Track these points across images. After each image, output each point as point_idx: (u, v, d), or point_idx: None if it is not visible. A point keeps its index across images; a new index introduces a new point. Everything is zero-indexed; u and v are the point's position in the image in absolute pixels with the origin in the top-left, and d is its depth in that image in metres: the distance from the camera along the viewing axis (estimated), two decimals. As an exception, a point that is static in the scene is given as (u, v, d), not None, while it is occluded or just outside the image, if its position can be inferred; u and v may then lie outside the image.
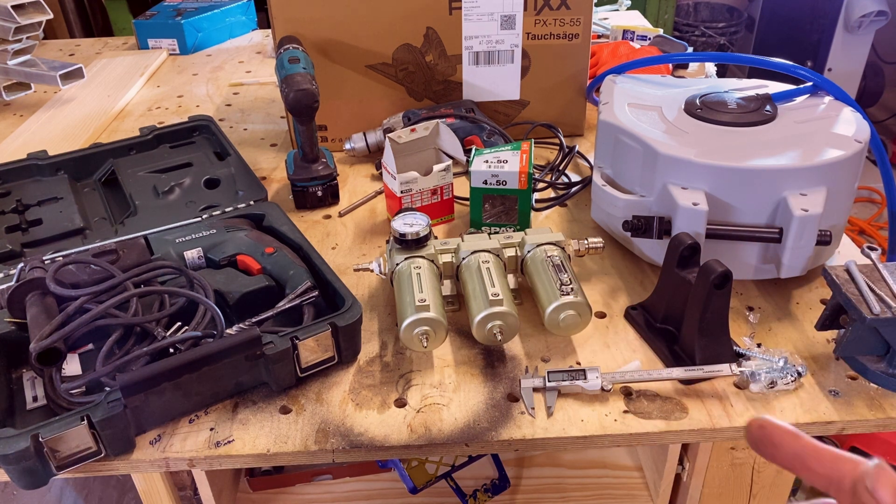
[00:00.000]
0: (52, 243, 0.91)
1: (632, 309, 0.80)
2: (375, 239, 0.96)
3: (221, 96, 1.47)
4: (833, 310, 0.71)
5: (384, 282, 0.86)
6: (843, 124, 0.82)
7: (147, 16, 1.75)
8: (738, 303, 0.80)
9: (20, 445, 0.58)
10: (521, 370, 0.73)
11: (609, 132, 0.86)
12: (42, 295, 0.71)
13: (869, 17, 2.62)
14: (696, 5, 3.34)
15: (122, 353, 0.68)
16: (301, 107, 0.94)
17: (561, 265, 0.75)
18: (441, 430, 0.66)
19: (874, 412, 0.66)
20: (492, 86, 1.16)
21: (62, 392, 0.65)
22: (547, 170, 1.10)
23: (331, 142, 1.19)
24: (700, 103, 0.87)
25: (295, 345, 0.68)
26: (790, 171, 0.74)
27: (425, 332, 0.70)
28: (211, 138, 1.12)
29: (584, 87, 1.18)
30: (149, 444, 0.65)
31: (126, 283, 0.72)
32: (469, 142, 1.09)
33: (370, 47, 1.12)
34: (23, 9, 1.35)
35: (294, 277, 0.77)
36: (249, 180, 1.00)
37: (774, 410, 0.66)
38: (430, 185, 0.94)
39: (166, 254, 0.81)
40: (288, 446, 0.65)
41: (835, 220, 0.79)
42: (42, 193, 0.99)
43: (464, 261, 0.78)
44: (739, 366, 0.68)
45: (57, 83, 1.40)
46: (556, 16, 1.10)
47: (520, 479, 1.17)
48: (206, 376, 0.65)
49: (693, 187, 0.76)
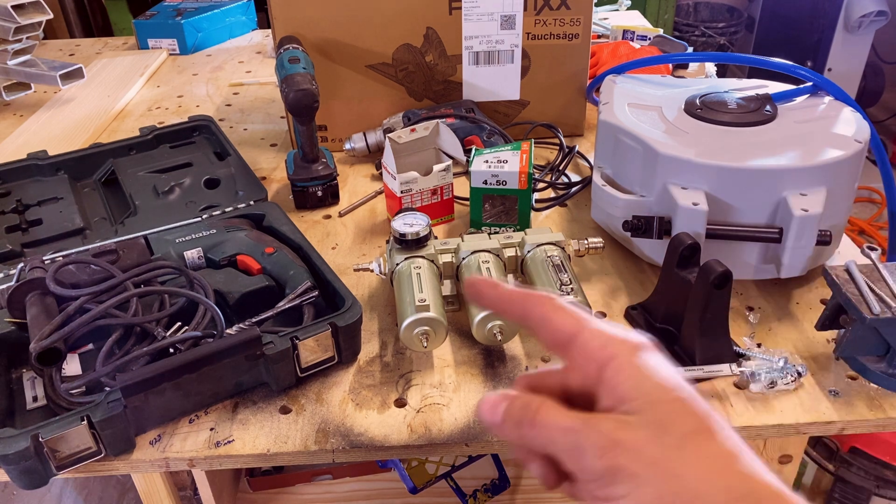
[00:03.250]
0: (52, 243, 0.91)
1: (632, 309, 0.80)
2: (375, 239, 0.96)
3: (221, 96, 1.47)
4: (833, 310, 0.71)
5: (384, 282, 0.86)
6: (843, 124, 0.82)
7: (147, 16, 1.75)
8: (738, 303, 0.80)
9: (20, 445, 0.58)
10: (522, 370, 0.73)
11: (609, 132, 0.86)
12: (42, 295, 0.71)
13: (869, 17, 2.62)
14: (696, 5, 3.35)
15: (122, 353, 0.68)
16: (301, 107, 0.94)
17: (561, 265, 0.75)
18: (441, 430, 0.66)
19: (874, 412, 0.66)
20: (492, 86, 1.16)
21: (62, 392, 0.65)
22: (547, 170, 1.10)
23: (331, 142, 1.19)
24: (700, 103, 0.87)
25: (295, 345, 0.68)
26: (790, 171, 0.74)
27: (425, 332, 0.70)
28: (211, 138, 1.12)
29: (584, 87, 1.18)
30: (149, 444, 0.65)
31: (126, 283, 0.72)
32: (469, 142, 1.09)
33: (370, 47, 1.12)
34: (23, 9, 1.35)
35: (294, 277, 0.77)
36: (249, 180, 1.00)
37: (774, 410, 0.66)
38: (430, 185, 0.94)
39: (166, 254, 0.81)
40: (288, 446, 0.65)
41: (835, 220, 0.79)
42: (42, 193, 0.99)
43: (464, 261, 0.78)
44: (739, 366, 0.68)
45: (57, 83, 1.40)
46: (556, 16, 1.11)
47: (520, 479, 1.17)
48: (206, 376, 0.65)
49: (693, 187, 0.76)
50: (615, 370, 0.36)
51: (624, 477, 0.34)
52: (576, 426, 0.36)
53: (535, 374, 0.42)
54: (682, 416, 0.35)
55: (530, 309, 0.40)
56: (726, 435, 0.35)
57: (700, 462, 0.34)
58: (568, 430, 0.36)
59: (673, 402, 0.35)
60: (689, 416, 0.35)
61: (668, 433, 0.34)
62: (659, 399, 0.35)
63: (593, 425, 0.36)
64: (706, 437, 0.34)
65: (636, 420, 0.35)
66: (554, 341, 0.39)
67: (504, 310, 0.42)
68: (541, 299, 0.40)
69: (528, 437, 0.38)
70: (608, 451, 0.34)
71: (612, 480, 0.34)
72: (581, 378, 0.38)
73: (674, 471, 0.33)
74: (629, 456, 0.34)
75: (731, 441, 0.35)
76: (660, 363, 0.37)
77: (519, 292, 0.41)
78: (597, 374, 0.37)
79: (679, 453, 0.34)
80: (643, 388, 0.36)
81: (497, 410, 0.39)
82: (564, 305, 0.40)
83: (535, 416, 0.37)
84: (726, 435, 0.35)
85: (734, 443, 0.35)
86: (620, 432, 0.35)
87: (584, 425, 0.36)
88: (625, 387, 0.36)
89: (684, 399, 0.36)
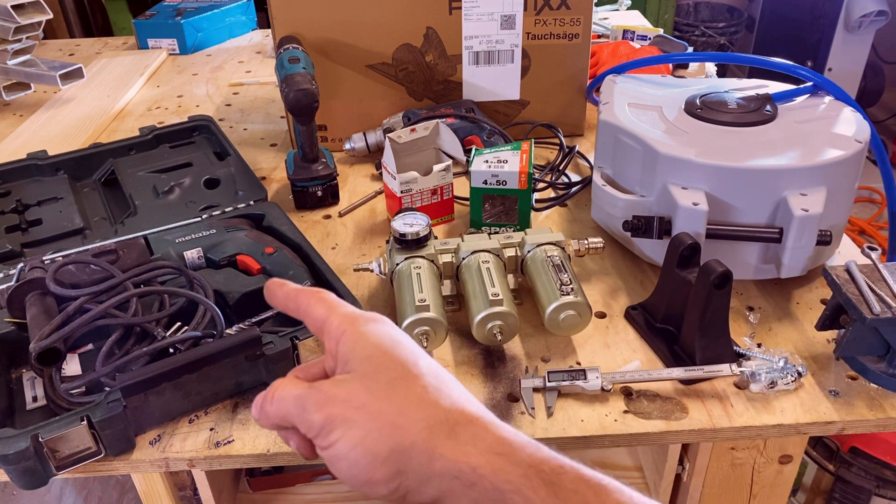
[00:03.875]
0: (52, 243, 0.91)
1: (632, 309, 0.80)
2: (375, 239, 0.96)
3: (221, 96, 1.47)
4: (833, 310, 0.71)
5: (384, 282, 0.86)
6: (844, 124, 0.82)
7: (147, 16, 1.75)
8: (738, 303, 0.80)
9: (20, 445, 0.58)
10: (521, 370, 0.72)
11: (609, 132, 0.86)
12: (42, 295, 0.71)
13: (869, 17, 2.62)
14: (697, 5, 3.34)
15: (122, 353, 0.68)
16: (301, 107, 0.94)
17: (561, 265, 0.75)
18: (441, 431, 0.66)
19: (874, 412, 0.66)
20: (492, 86, 1.16)
21: (62, 392, 0.65)
22: (547, 170, 1.10)
23: (331, 142, 1.19)
24: (700, 103, 0.87)
25: (295, 345, 0.68)
26: (790, 171, 0.74)
27: (425, 332, 0.70)
28: (211, 138, 1.12)
29: (584, 87, 1.18)
30: (149, 444, 0.65)
31: (126, 283, 0.72)
32: (469, 142, 1.08)
33: (370, 47, 1.12)
34: (23, 9, 1.35)
35: (294, 277, 0.77)
36: (249, 180, 1.00)
37: (775, 410, 0.66)
38: (430, 185, 0.94)
39: (166, 254, 0.81)
40: (288, 446, 0.65)
41: (835, 220, 0.79)
42: (42, 193, 0.99)
43: (464, 261, 0.78)
44: (739, 366, 0.68)
45: (57, 83, 1.39)
46: (556, 16, 1.10)
47: (520, 479, 1.17)
48: (206, 376, 0.65)
49: (693, 187, 0.76)
50: (343, 341, 0.42)
51: (338, 423, 0.39)
52: (302, 392, 0.42)
53: (302, 366, 0.46)
54: (387, 366, 0.41)
55: (301, 302, 0.46)
56: (428, 380, 0.41)
57: (401, 400, 0.40)
58: (297, 398, 0.42)
59: (381, 356, 0.41)
60: (395, 364, 0.41)
61: (374, 381, 0.40)
62: (370, 355, 0.41)
63: (316, 387, 0.41)
64: (409, 381, 0.40)
65: (350, 376, 0.41)
66: (314, 329, 0.45)
67: (286, 307, 0.47)
68: (308, 293, 0.46)
69: (270, 414, 0.43)
70: (324, 405, 0.40)
71: (330, 429, 0.40)
72: (332, 359, 0.44)
73: (378, 410, 0.39)
74: (341, 406, 0.40)
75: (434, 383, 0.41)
76: (382, 330, 0.43)
77: (296, 289, 0.47)
78: (335, 349, 0.43)
79: (384, 395, 0.40)
80: (359, 349, 0.42)
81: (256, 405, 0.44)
82: (324, 297, 0.45)
83: (274, 392, 0.43)
84: (428, 380, 0.41)
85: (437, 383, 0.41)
86: (335, 388, 0.41)
87: (308, 389, 0.41)
88: (345, 350, 0.42)
89: (390, 352, 0.42)
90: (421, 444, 0.38)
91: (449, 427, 0.39)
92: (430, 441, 0.38)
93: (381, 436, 0.38)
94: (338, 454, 0.39)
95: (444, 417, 0.39)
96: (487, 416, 0.40)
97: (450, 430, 0.39)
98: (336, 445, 0.39)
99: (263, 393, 0.44)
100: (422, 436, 0.38)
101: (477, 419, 0.40)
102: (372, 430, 0.39)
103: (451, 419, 0.39)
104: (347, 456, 0.39)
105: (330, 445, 0.40)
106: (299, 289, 0.47)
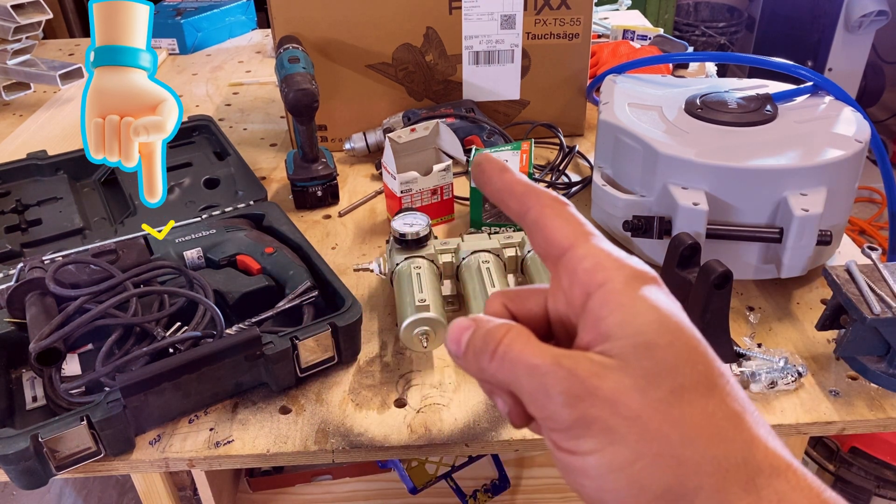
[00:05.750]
0: (52, 243, 0.91)
1: (632, 309, 0.79)
2: (375, 239, 0.96)
3: (221, 96, 1.47)
4: (833, 310, 0.71)
5: (384, 282, 0.86)
6: (844, 124, 0.82)
7: (147, 16, 1.75)
8: (738, 303, 0.80)
9: (20, 445, 0.58)
10: (522, 370, 0.72)
11: (609, 132, 0.86)
12: (42, 295, 0.71)
13: (869, 17, 2.62)
14: (697, 5, 3.34)
15: (122, 353, 0.68)
16: (301, 107, 0.94)
17: (561, 265, 0.75)
18: (441, 431, 0.66)
19: (874, 412, 0.66)
20: (492, 86, 1.16)
21: (62, 392, 0.65)
22: (547, 170, 1.09)
23: (331, 142, 1.19)
24: (700, 103, 0.87)
25: (295, 345, 0.68)
26: (790, 171, 0.74)
27: (425, 332, 0.70)
28: (211, 138, 1.12)
29: (584, 87, 1.18)
30: (148, 444, 0.65)
31: (126, 283, 0.72)
32: (469, 142, 1.08)
33: (370, 47, 1.12)
34: (23, 9, 1.35)
35: (294, 277, 0.77)
36: (249, 180, 1.00)
37: (775, 410, 0.66)
38: (430, 185, 0.94)
39: (166, 254, 0.81)
40: (288, 446, 0.65)
41: (835, 220, 0.79)
42: (42, 193, 0.99)
43: (464, 261, 0.78)
44: (740, 366, 0.68)
45: (56, 83, 1.39)
46: (556, 15, 1.10)
47: (520, 479, 1.17)
48: (205, 376, 0.65)
49: (693, 187, 0.76)
50: (602, 300, 0.30)
51: (596, 431, 0.28)
52: (544, 365, 0.29)
53: (515, 291, 0.35)
54: (677, 365, 0.28)
55: (530, 207, 0.33)
56: (731, 392, 0.29)
57: (690, 424, 0.28)
58: (534, 369, 0.30)
59: (668, 348, 0.29)
60: (687, 365, 0.29)
61: (656, 385, 0.28)
62: (651, 343, 0.29)
63: (567, 366, 0.29)
64: (704, 394, 0.28)
65: (619, 365, 0.29)
66: (545, 252, 0.33)
67: (503, 200, 0.34)
68: (543, 198, 0.33)
69: (488, 371, 0.31)
70: (580, 399, 0.28)
71: (581, 433, 0.29)
72: (564, 304, 0.32)
73: (657, 430, 0.28)
74: (605, 408, 0.28)
75: (737, 400, 0.29)
76: (660, 298, 0.30)
77: (524, 184, 0.34)
78: (581, 302, 0.31)
79: (667, 410, 0.28)
80: (633, 325, 0.29)
81: (461, 340, 0.32)
82: (568, 211, 0.32)
83: (498, 347, 0.31)
84: (731, 392, 0.29)
85: (739, 402, 0.29)
86: (597, 378, 0.28)
87: (555, 365, 0.29)
88: (610, 321, 0.29)
89: (684, 345, 0.29)
90: (708, 491, 0.27)
91: (748, 475, 0.28)
92: (722, 490, 0.27)
93: (656, 468, 0.28)
94: (586, 469, 0.29)
95: (743, 459, 0.28)
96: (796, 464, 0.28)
97: (748, 480, 0.27)
98: (587, 458, 0.29)
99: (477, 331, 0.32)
100: (711, 480, 0.27)
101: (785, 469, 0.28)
102: (645, 457, 0.28)
103: (753, 463, 0.28)
104: (602, 477, 0.28)
105: (576, 453, 0.29)
106: (530, 186, 0.34)
